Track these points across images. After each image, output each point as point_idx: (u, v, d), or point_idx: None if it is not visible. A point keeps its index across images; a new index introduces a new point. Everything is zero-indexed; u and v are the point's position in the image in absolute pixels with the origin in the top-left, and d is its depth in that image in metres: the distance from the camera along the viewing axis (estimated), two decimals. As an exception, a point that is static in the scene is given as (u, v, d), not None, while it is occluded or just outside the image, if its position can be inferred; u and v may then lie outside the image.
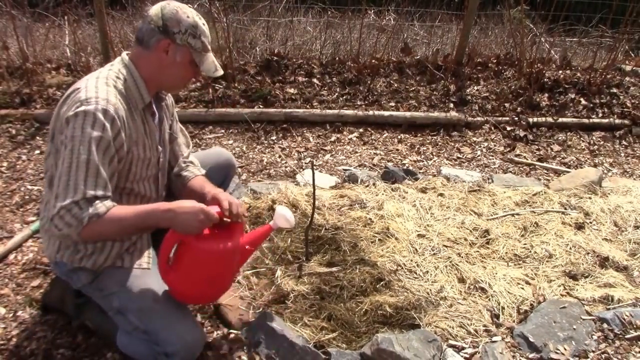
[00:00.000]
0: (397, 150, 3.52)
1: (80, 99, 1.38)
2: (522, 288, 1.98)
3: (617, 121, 4.02)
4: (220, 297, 1.77)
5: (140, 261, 1.62)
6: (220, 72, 1.58)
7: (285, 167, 3.18)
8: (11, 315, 1.83)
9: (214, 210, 1.45)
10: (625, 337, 1.78)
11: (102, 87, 1.41)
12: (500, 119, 3.96)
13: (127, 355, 1.64)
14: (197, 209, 1.41)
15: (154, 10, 1.48)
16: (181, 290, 1.54)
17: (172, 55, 1.49)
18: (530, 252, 2.22)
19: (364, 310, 1.78)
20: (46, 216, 1.55)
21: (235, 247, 1.49)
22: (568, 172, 3.23)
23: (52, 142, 1.47)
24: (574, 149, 3.72)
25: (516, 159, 3.48)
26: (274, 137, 3.59)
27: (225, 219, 1.50)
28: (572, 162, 3.52)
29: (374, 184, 2.77)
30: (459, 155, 3.50)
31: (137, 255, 1.62)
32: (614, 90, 4.38)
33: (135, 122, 1.52)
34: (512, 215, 2.52)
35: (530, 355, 1.68)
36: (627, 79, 4.64)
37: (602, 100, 4.25)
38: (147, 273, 1.61)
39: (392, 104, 4.03)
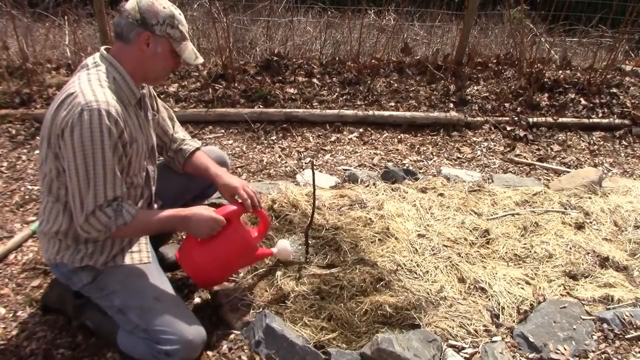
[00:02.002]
0: (397, 150, 3.52)
1: (80, 103, 1.38)
2: (522, 288, 1.98)
3: (617, 121, 4.02)
4: (217, 284, 1.86)
5: (140, 256, 1.64)
6: (201, 59, 1.60)
7: (285, 167, 3.18)
8: (11, 315, 1.83)
9: (232, 207, 1.69)
10: (625, 337, 1.78)
11: (98, 90, 1.42)
12: (500, 119, 3.95)
13: (127, 356, 1.64)
14: (208, 218, 1.58)
15: (130, 4, 1.49)
16: (199, 262, 1.65)
17: (152, 47, 1.50)
18: (530, 252, 2.22)
19: (364, 310, 1.78)
20: (41, 221, 1.56)
21: (256, 247, 1.77)
22: (568, 172, 3.23)
23: (49, 147, 1.46)
24: (574, 149, 3.72)
25: (516, 159, 3.48)
26: (274, 137, 3.59)
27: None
28: (572, 162, 3.52)
29: (374, 184, 2.76)
30: (459, 155, 3.50)
31: (137, 250, 1.64)
32: (614, 90, 4.38)
33: (132, 119, 1.54)
34: (512, 215, 2.52)
35: (530, 355, 1.68)
36: (627, 79, 4.63)
37: (602, 100, 4.25)
38: (147, 272, 1.62)
39: (392, 104, 4.03)
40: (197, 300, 1.91)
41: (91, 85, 1.43)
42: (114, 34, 1.53)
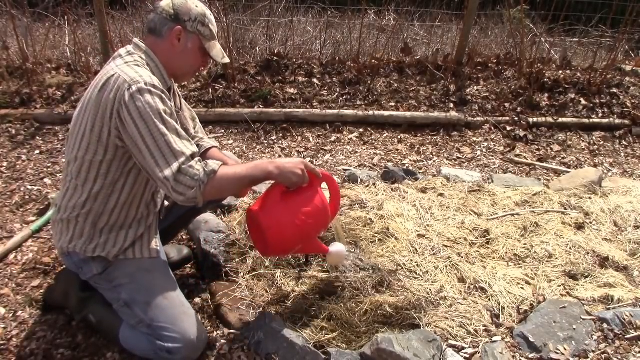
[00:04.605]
0: (397, 150, 3.52)
1: (126, 80, 1.42)
2: (522, 288, 1.98)
3: (617, 121, 4.02)
4: (283, 249, 1.67)
5: (150, 250, 1.66)
6: (227, 59, 1.68)
7: (285, 167, 3.18)
8: (11, 315, 1.83)
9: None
10: (625, 337, 1.78)
11: (139, 69, 1.47)
12: (500, 119, 3.96)
13: (128, 356, 1.64)
14: (300, 161, 1.55)
15: (165, 1, 1.57)
16: (279, 215, 1.55)
17: (183, 42, 1.57)
18: (530, 252, 2.22)
19: (364, 310, 1.78)
20: (58, 208, 1.57)
21: (329, 221, 1.69)
22: (568, 172, 3.23)
23: (92, 131, 1.47)
24: (574, 149, 3.72)
25: (516, 159, 3.48)
26: (274, 137, 3.59)
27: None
28: (572, 162, 3.52)
29: (374, 184, 2.76)
30: (459, 155, 3.50)
31: (147, 242, 1.67)
32: (614, 90, 4.38)
33: None
34: (512, 215, 2.52)
35: (530, 355, 1.68)
36: (627, 79, 4.64)
37: (602, 100, 4.25)
38: (157, 269, 1.65)
39: (392, 104, 4.03)
40: (197, 300, 1.91)
41: (130, 66, 1.48)
42: (147, 30, 1.59)
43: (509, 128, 3.86)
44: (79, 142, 1.51)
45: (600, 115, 4.11)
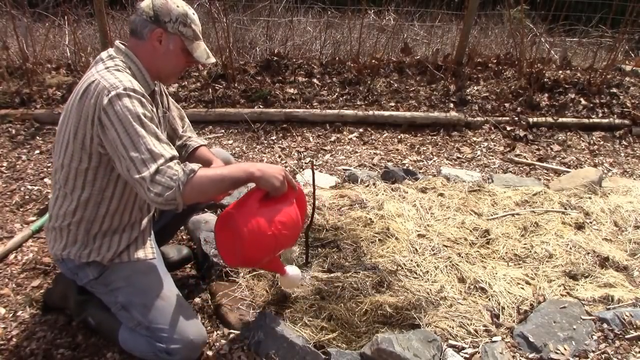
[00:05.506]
0: (397, 150, 3.52)
1: (105, 86, 1.40)
2: (522, 288, 1.98)
3: (617, 121, 4.02)
4: (259, 257, 1.56)
5: (145, 252, 1.66)
6: (213, 59, 1.63)
7: (285, 167, 3.18)
8: (11, 315, 1.83)
9: None
10: (625, 337, 1.78)
11: (118, 74, 1.46)
12: (500, 119, 3.96)
13: (128, 356, 1.64)
14: (281, 169, 1.52)
15: (144, 2, 1.53)
16: (259, 219, 1.48)
17: (165, 43, 1.54)
18: (530, 252, 2.22)
19: (364, 310, 1.78)
20: (50, 216, 1.56)
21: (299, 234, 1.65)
22: (568, 172, 3.23)
23: (75, 138, 1.46)
24: (574, 149, 3.72)
25: (516, 159, 3.48)
26: (274, 137, 3.59)
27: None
28: (572, 162, 3.52)
29: (374, 184, 2.77)
30: (459, 155, 3.50)
31: (141, 245, 1.66)
32: (614, 90, 4.38)
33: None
34: (512, 215, 2.52)
35: (530, 355, 1.68)
36: (627, 79, 4.64)
37: (602, 100, 4.25)
38: (153, 270, 1.64)
39: (392, 104, 4.03)
40: (197, 300, 1.91)
41: (110, 71, 1.46)
42: (129, 31, 1.57)
43: (509, 128, 3.86)
44: (63, 149, 1.50)
45: (600, 115, 4.11)
